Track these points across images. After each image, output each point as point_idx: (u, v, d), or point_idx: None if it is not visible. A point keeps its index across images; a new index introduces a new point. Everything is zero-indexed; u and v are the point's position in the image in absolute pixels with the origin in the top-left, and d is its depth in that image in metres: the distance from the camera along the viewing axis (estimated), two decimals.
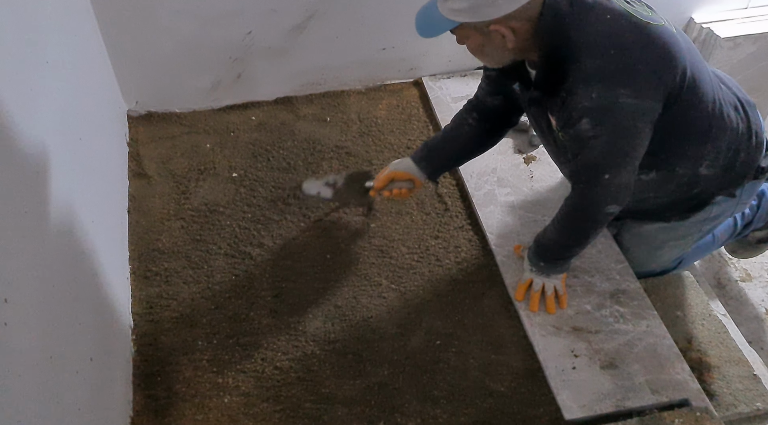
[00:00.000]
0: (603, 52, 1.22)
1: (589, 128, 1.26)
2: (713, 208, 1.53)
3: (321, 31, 2.00)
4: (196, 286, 1.59)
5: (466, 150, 1.65)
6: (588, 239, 1.47)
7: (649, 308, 1.54)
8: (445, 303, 1.57)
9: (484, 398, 1.40)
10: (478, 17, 1.22)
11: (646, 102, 1.24)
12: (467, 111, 1.60)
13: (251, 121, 2.05)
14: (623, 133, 1.27)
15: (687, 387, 1.39)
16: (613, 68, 1.22)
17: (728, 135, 1.40)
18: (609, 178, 1.31)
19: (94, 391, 1.19)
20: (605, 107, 1.23)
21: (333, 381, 1.42)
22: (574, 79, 1.24)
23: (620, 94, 1.21)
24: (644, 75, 1.23)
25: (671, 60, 1.25)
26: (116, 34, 1.84)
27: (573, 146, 1.33)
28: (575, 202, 1.41)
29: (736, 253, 1.92)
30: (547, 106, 1.36)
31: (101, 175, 1.58)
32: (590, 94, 1.22)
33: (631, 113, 1.24)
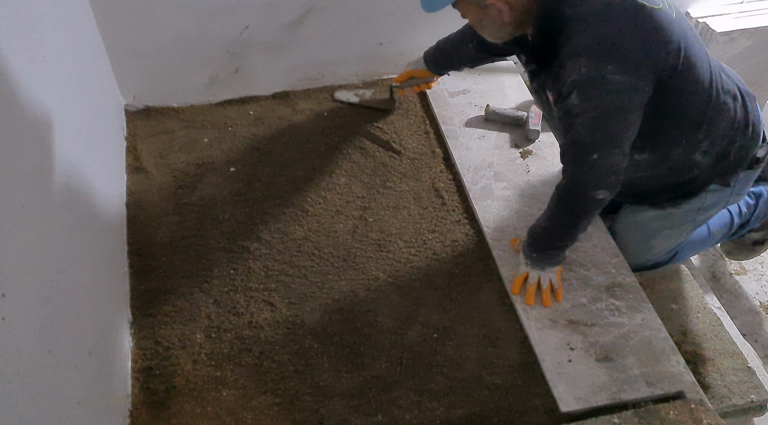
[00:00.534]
0: (594, 29, 1.24)
1: (577, 103, 1.28)
2: (707, 197, 1.54)
3: (318, 25, 2.00)
4: (194, 280, 1.60)
5: (466, 63, 1.89)
6: (578, 226, 1.46)
7: (645, 301, 1.55)
8: (442, 297, 1.58)
9: (481, 391, 1.41)
10: None
11: (634, 81, 1.25)
12: (469, 36, 1.72)
13: (249, 116, 2.05)
14: (611, 110, 1.28)
15: (682, 380, 1.40)
16: (602, 44, 1.24)
17: (724, 122, 1.41)
18: (597, 159, 1.32)
19: (93, 385, 1.19)
20: (593, 81, 1.25)
21: (331, 375, 1.43)
22: (565, 54, 1.27)
23: (608, 70, 1.23)
24: (633, 54, 1.24)
25: (663, 43, 1.26)
26: (113, 28, 1.84)
27: (564, 123, 1.35)
28: (564, 185, 1.42)
29: (732, 255, 1.94)
30: (543, 80, 1.39)
31: (99, 170, 1.58)
32: (579, 67, 1.25)
33: (619, 90, 1.25)
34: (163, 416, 1.35)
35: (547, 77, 1.36)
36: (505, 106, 2.02)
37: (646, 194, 1.58)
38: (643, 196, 1.59)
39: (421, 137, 1.99)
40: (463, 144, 1.94)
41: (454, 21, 2.01)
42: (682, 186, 1.53)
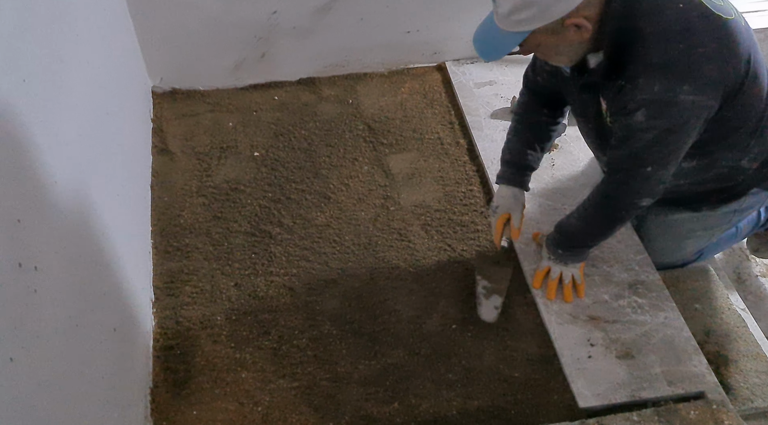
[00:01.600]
0: (671, 45, 1.17)
1: (644, 120, 1.22)
2: (746, 199, 1.51)
3: (346, 12, 1.99)
4: (216, 263, 1.61)
5: (547, 147, 1.65)
6: (613, 229, 1.45)
7: (668, 300, 1.53)
8: (462, 288, 1.58)
9: (499, 383, 1.40)
10: (550, 18, 1.16)
11: (705, 100, 1.20)
12: (533, 109, 1.56)
13: (274, 101, 2.06)
14: (676, 129, 1.23)
15: (704, 380, 1.38)
16: (679, 63, 1.17)
17: None
18: (650, 171, 1.29)
19: (117, 361, 1.21)
20: (665, 102, 1.19)
21: (349, 361, 1.44)
22: (637, 69, 1.20)
23: (682, 91, 1.18)
24: (708, 72, 1.18)
25: (737, 59, 1.21)
26: (144, 10, 1.85)
27: (620, 135, 1.30)
28: (608, 190, 1.39)
29: (758, 252, 1.90)
30: (599, 91, 1.32)
31: (126, 150, 1.60)
32: (653, 86, 1.18)
33: (689, 110, 1.20)
34: (182, 395, 1.37)
35: (606, 88, 1.29)
36: None
37: (686, 199, 1.54)
38: (682, 201, 1.55)
39: (446, 127, 1.98)
40: (488, 135, 1.92)
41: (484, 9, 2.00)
42: (723, 191, 1.50)
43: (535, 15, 1.16)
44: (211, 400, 1.36)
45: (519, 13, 1.16)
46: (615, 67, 1.24)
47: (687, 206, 1.57)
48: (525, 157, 1.57)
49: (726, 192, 1.50)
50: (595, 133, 1.47)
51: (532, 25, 1.18)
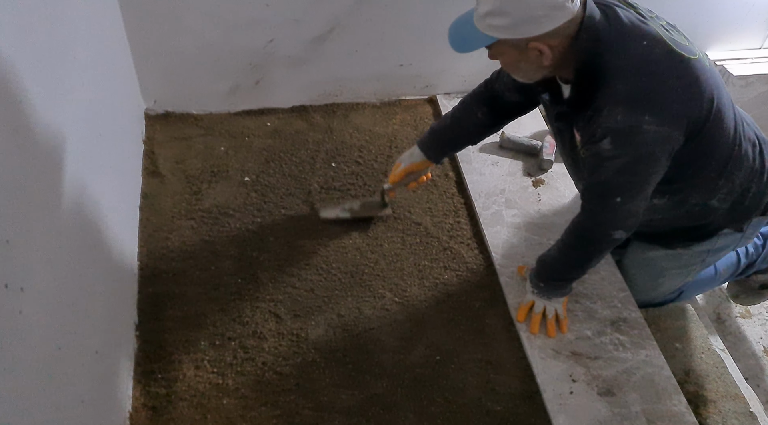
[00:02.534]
0: (634, 77, 1.24)
1: (610, 148, 1.27)
2: (718, 240, 1.54)
3: (341, 43, 2.03)
4: (202, 287, 1.60)
5: (471, 139, 1.71)
6: (589, 262, 1.47)
7: (649, 338, 1.55)
8: (447, 320, 1.58)
9: (481, 417, 1.40)
10: (517, 34, 1.22)
11: (668, 132, 1.25)
12: (477, 103, 1.62)
13: (266, 127, 2.08)
14: (641, 158, 1.28)
15: (683, 420, 1.39)
16: (641, 94, 1.23)
17: (744, 171, 1.42)
18: (620, 202, 1.33)
19: (97, 384, 1.20)
20: (628, 131, 1.24)
21: (332, 390, 1.43)
22: (602, 99, 1.26)
23: (645, 121, 1.23)
24: (671, 106, 1.24)
25: (700, 95, 1.27)
26: (140, 32, 1.87)
27: (590, 163, 1.34)
28: (582, 222, 1.42)
29: (738, 299, 1.93)
30: (573, 121, 1.38)
31: (116, 171, 1.60)
32: (616, 115, 1.24)
33: (653, 140, 1.25)
34: (162, 420, 1.35)
35: (577, 119, 1.35)
36: (520, 134, 2.04)
37: (658, 236, 1.58)
38: (655, 237, 1.59)
39: None
40: (477, 169, 1.95)
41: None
42: (695, 230, 1.53)
43: (506, 26, 1.21)
44: None
45: (493, 18, 1.21)
46: (583, 98, 1.30)
47: (661, 243, 1.60)
48: (445, 134, 1.67)
49: (699, 230, 1.54)
50: (571, 160, 1.53)
51: (500, 34, 1.23)
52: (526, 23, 1.20)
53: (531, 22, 1.20)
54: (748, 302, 1.92)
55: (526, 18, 1.19)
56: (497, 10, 1.19)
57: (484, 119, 1.62)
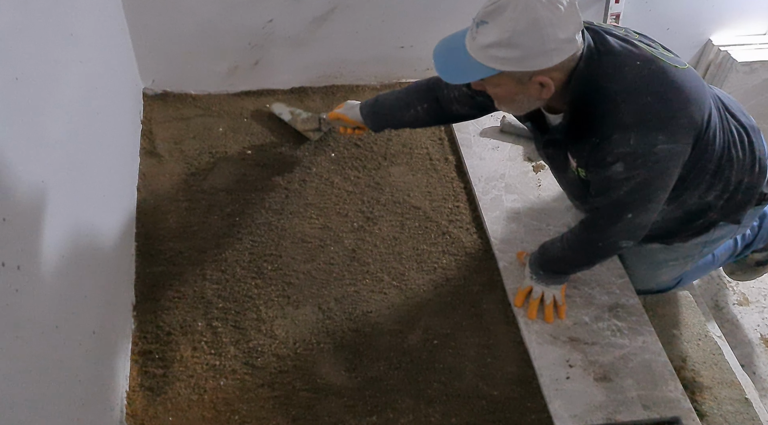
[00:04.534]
0: (639, 100, 1.21)
1: (622, 171, 1.25)
2: (715, 231, 1.54)
3: (342, 24, 2.01)
4: (199, 268, 1.60)
5: (409, 125, 1.72)
6: (594, 263, 1.50)
7: (647, 324, 1.55)
8: (445, 304, 1.58)
9: (477, 401, 1.41)
10: (524, 67, 1.17)
11: (680, 146, 1.24)
12: (419, 98, 1.60)
13: (265, 109, 2.06)
14: (655, 176, 1.26)
15: (679, 406, 1.40)
16: (650, 115, 1.21)
17: (735, 168, 1.42)
18: (632, 217, 1.32)
19: (94, 364, 1.20)
20: (642, 153, 1.22)
21: (329, 373, 1.43)
22: (610, 126, 1.23)
23: (658, 140, 1.21)
24: (679, 120, 1.22)
25: (699, 104, 1.25)
26: (139, 11, 1.85)
27: (599, 185, 1.32)
28: (590, 234, 1.41)
29: (734, 275, 1.94)
30: (567, 147, 1.36)
31: (114, 151, 1.59)
32: (628, 140, 1.21)
33: (666, 158, 1.24)
34: (159, 400, 1.36)
35: (575, 147, 1.32)
36: None
37: (657, 235, 1.58)
38: (654, 236, 1.59)
39: (435, 143, 2.00)
40: (477, 153, 1.94)
41: None
42: (692, 226, 1.54)
43: (513, 58, 1.15)
44: (187, 407, 1.35)
45: (498, 50, 1.15)
46: (580, 127, 1.27)
47: (659, 239, 1.60)
48: (384, 107, 1.66)
49: (696, 226, 1.54)
50: (566, 182, 1.51)
51: (504, 66, 1.17)
52: (536, 57, 1.15)
53: (541, 55, 1.15)
54: (745, 278, 1.92)
55: (538, 52, 1.14)
56: (506, 41, 1.13)
57: (423, 115, 1.61)
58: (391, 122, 1.70)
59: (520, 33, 1.13)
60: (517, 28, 1.13)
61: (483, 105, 1.49)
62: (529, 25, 1.12)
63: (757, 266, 1.86)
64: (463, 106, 1.54)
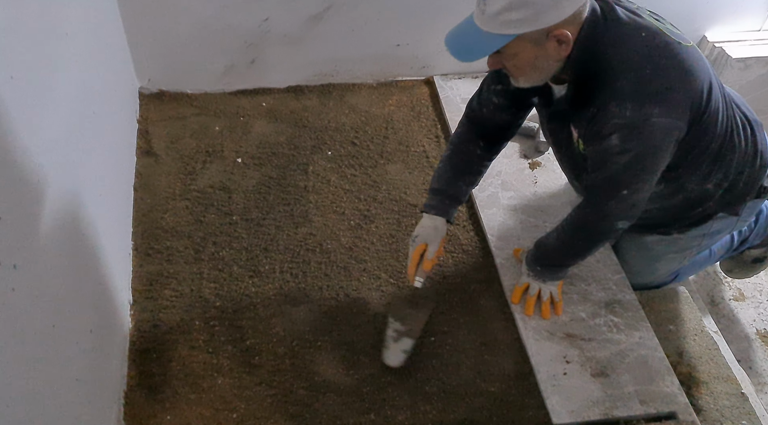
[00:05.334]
0: (638, 71, 1.21)
1: (618, 144, 1.25)
2: (714, 223, 1.55)
3: (338, 22, 2.01)
4: (196, 267, 1.60)
5: (476, 180, 1.57)
6: (590, 251, 1.48)
7: (643, 320, 1.55)
8: (442, 301, 1.58)
9: (475, 397, 1.41)
10: (540, 24, 1.15)
11: (674, 122, 1.24)
12: (470, 141, 1.52)
13: (261, 107, 2.06)
14: (650, 151, 1.27)
15: (675, 401, 1.41)
16: (647, 87, 1.21)
17: (737, 155, 1.42)
18: (627, 194, 1.32)
19: (92, 363, 1.20)
20: (637, 125, 1.22)
21: (327, 370, 1.43)
22: (607, 95, 1.23)
23: (653, 113, 1.21)
24: (676, 96, 1.23)
25: (699, 83, 1.26)
26: (134, 10, 1.85)
27: (595, 160, 1.33)
28: (587, 214, 1.41)
29: (732, 273, 1.94)
30: (570, 119, 1.35)
31: (110, 151, 1.59)
32: (624, 111, 1.22)
33: (661, 132, 1.24)
34: (157, 399, 1.36)
35: (576, 117, 1.32)
36: None
37: (655, 224, 1.58)
38: (652, 225, 1.59)
39: (432, 141, 2.00)
40: None
41: None
42: (691, 215, 1.54)
43: (527, 17, 1.14)
44: (185, 405, 1.35)
45: (510, 13, 1.13)
46: (583, 95, 1.27)
47: (657, 230, 1.60)
48: (453, 187, 1.51)
49: (695, 215, 1.54)
50: (568, 158, 1.50)
51: (520, 29, 1.15)
52: (549, 10, 1.13)
53: (553, 8, 1.14)
54: (742, 275, 1.93)
55: (549, 4, 1.13)
56: (516, 2, 1.12)
57: (482, 153, 1.52)
58: (464, 191, 1.53)
59: None
60: None
61: (519, 94, 1.43)
62: None
63: (754, 263, 1.87)
64: (505, 111, 1.47)
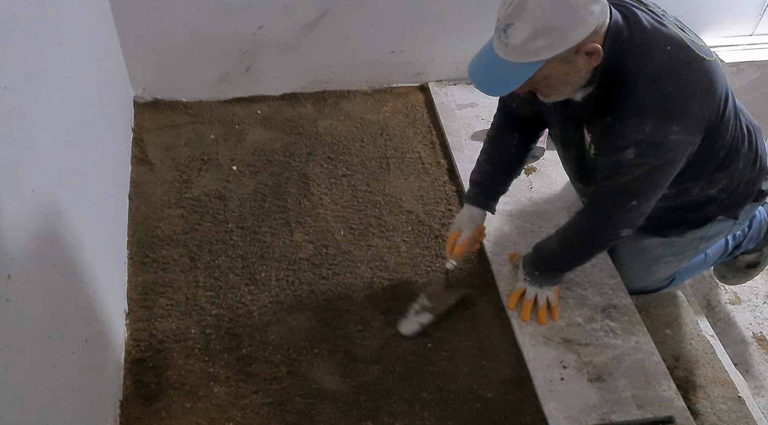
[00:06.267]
0: (661, 87, 1.20)
1: (633, 158, 1.25)
2: (712, 227, 1.55)
3: (332, 30, 2.02)
4: (192, 275, 1.60)
5: (516, 169, 1.59)
6: (591, 256, 1.49)
7: (639, 324, 1.56)
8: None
9: (472, 403, 1.41)
10: (567, 44, 1.14)
11: (692, 138, 1.25)
12: (505, 132, 1.54)
13: (256, 115, 2.06)
14: (664, 166, 1.27)
15: (672, 405, 1.40)
16: (669, 104, 1.21)
17: (742, 160, 1.43)
18: (635, 205, 1.33)
19: (87, 373, 1.19)
20: (656, 142, 1.22)
21: (323, 378, 1.43)
22: (628, 108, 1.22)
23: (672, 131, 1.21)
24: (696, 113, 1.23)
25: (717, 98, 1.26)
26: (129, 19, 1.85)
27: (606, 168, 1.32)
28: (591, 221, 1.41)
29: (725, 279, 1.95)
30: (583, 123, 1.34)
31: (105, 159, 1.58)
32: (644, 127, 1.21)
33: (677, 148, 1.25)
34: (153, 408, 1.35)
35: (592, 123, 1.31)
36: None
37: (656, 225, 1.58)
38: (652, 227, 1.59)
39: (427, 147, 2.00)
40: (468, 156, 1.95)
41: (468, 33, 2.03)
42: (691, 218, 1.55)
43: (554, 41, 1.13)
44: (182, 415, 1.35)
45: (536, 41, 1.12)
46: (603, 104, 1.26)
47: (655, 232, 1.61)
48: (489, 179, 1.55)
49: (694, 218, 1.55)
50: (575, 161, 1.49)
51: (549, 53, 1.14)
52: (575, 29, 1.12)
53: (578, 25, 1.12)
54: (735, 282, 1.93)
55: (574, 23, 1.12)
56: (542, 29, 1.11)
57: (518, 143, 1.54)
58: (503, 182, 1.57)
59: (551, 15, 1.11)
60: (546, 11, 1.11)
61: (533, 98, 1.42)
62: (555, 3, 1.11)
63: (748, 268, 1.88)
64: (531, 103, 1.46)
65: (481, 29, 1.48)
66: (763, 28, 2.29)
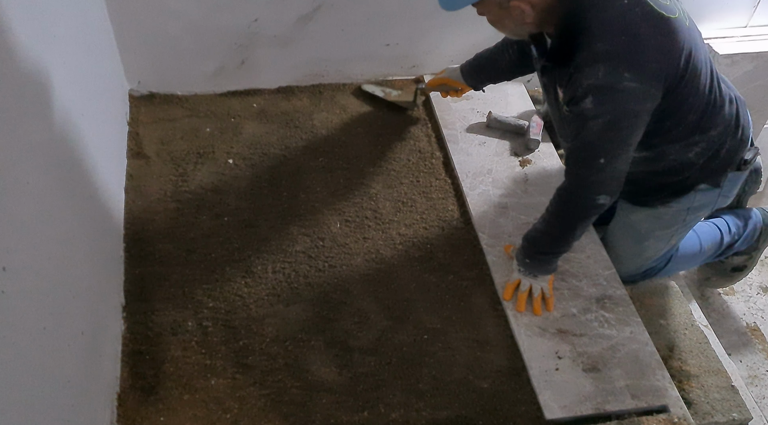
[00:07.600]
0: (614, 37, 1.27)
1: (592, 107, 1.30)
2: (696, 196, 1.58)
3: (327, 22, 2.01)
4: (188, 268, 1.60)
5: (505, 74, 1.83)
6: (574, 232, 1.48)
7: (634, 315, 1.57)
8: (435, 299, 1.59)
9: (468, 394, 1.42)
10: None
11: (647, 89, 1.29)
12: (508, 43, 1.72)
13: (252, 108, 2.06)
14: (623, 116, 1.32)
15: (666, 394, 1.42)
16: (621, 52, 1.27)
17: (720, 125, 1.47)
18: (603, 163, 1.36)
19: (84, 366, 1.20)
20: (610, 87, 1.28)
21: (320, 369, 1.44)
22: (582, 57, 1.30)
23: (625, 77, 1.27)
24: (650, 63, 1.28)
25: (677, 52, 1.31)
26: (123, 12, 1.84)
27: (574, 124, 1.38)
28: (566, 187, 1.45)
29: (709, 281, 1.97)
30: (556, 77, 1.42)
31: (100, 153, 1.58)
32: (597, 72, 1.27)
33: (633, 97, 1.29)
34: (150, 401, 1.36)
35: (560, 75, 1.40)
36: (507, 114, 2.04)
37: (639, 193, 1.61)
38: (635, 194, 1.62)
39: (423, 139, 2.01)
40: (464, 149, 1.95)
41: (464, 26, 2.04)
42: (673, 184, 1.58)
43: None
44: (179, 407, 1.35)
45: None
46: (563, 54, 1.34)
47: (641, 202, 1.64)
48: (483, 59, 1.79)
49: (676, 185, 1.58)
50: (559, 121, 1.57)
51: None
52: None
53: None
54: (719, 285, 1.96)
55: None
56: None
57: (514, 58, 1.72)
58: (490, 73, 1.82)
59: None
60: None
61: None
62: None
63: (733, 271, 1.90)
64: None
65: (476, 22, 1.48)
66: (757, 19, 2.29)
